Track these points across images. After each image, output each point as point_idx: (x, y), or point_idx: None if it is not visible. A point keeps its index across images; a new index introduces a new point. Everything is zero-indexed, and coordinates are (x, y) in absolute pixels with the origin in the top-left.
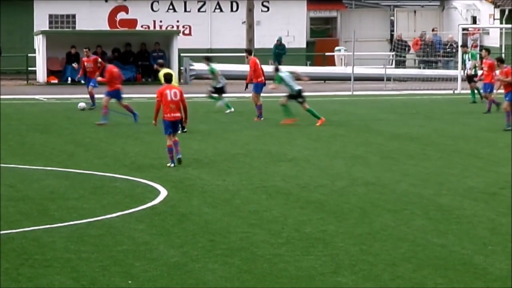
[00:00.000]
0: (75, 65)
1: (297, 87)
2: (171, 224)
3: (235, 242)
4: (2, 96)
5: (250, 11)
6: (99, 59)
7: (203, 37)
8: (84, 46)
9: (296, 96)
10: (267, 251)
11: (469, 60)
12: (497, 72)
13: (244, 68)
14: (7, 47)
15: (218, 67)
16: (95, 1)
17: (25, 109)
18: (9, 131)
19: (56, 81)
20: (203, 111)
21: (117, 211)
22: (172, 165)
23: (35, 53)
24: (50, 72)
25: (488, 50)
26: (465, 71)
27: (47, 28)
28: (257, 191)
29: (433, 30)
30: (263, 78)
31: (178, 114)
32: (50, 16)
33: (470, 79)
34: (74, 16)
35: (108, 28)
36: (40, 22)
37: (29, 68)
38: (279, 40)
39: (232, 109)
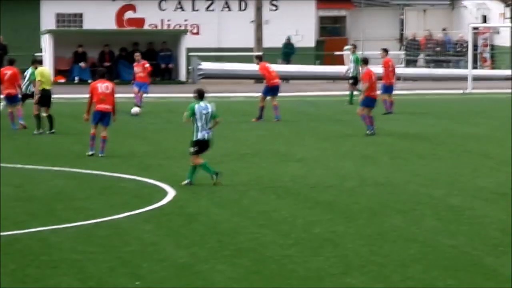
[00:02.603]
0: (82, 64)
1: None
2: (179, 224)
3: (244, 242)
4: None
5: (258, 10)
6: (147, 64)
7: (211, 36)
8: (91, 45)
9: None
10: (276, 252)
11: (351, 62)
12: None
13: (252, 67)
14: (13, 46)
15: (227, 66)
16: (102, 0)
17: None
18: (16, 131)
19: (63, 80)
20: None
21: (124, 212)
22: (91, 152)
23: (42, 52)
24: (57, 72)
25: (386, 50)
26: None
27: (54, 27)
28: (266, 191)
29: (443, 29)
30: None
31: (108, 106)
32: (57, 15)
33: (352, 80)
34: (81, 15)
35: (116, 27)
36: (47, 21)
37: None
38: (288, 39)
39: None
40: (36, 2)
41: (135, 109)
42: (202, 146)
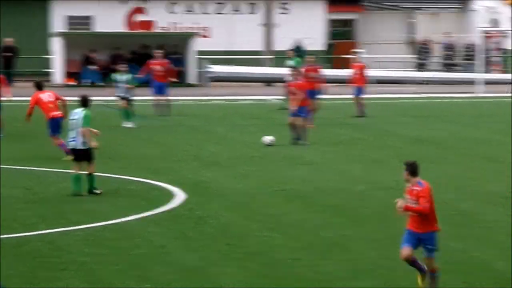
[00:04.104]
0: (92, 67)
1: None
2: (188, 227)
3: (253, 246)
4: (18, 98)
5: (268, 13)
6: (169, 65)
7: (222, 39)
8: (101, 48)
9: None
10: (285, 255)
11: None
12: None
13: (262, 70)
14: (24, 48)
15: (237, 69)
16: (112, 3)
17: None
18: (26, 133)
19: (73, 83)
20: (221, 114)
21: (133, 214)
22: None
23: (52, 55)
24: (68, 74)
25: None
26: None
27: (64, 30)
28: (275, 194)
29: (447, 34)
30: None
31: (59, 112)
32: (68, 17)
33: None
34: (91, 17)
35: (126, 30)
36: (58, 23)
37: (47, 70)
38: (298, 42)
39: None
40: (48, 5)
41: (269, 138)
42: (75, 154)
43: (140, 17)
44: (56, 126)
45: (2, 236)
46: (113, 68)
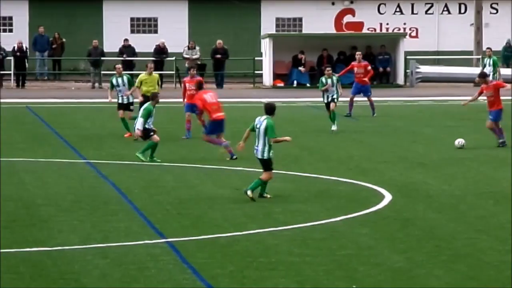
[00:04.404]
0: (301, 68)
1: None
2: (395, 229)
3: (460, 248)
4: (230, 100)
5: (478, 13)
6: (369, 67)
7: (430, 40)
8: (310, 49)
9: None
10: (493, 257)
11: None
12: None
13: (471, 71)
14: (234, 50)
15: (445, 69)
16: (321, 4)
17: (250, 113)
18: (235, 134)
19: (282, 84)
20: (428, 115)
21: (341, 215)
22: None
23: (261, 56)
24: (276, 76)
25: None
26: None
27: (273, 32)
28: (483, 196)
29: None
30: None
31: (221, 114)
32: (277, 19)
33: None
34: (300, 19)
35: (334, 31)
36: (267, 25)
37: (256, 72)
38: (508, 42)
39: None
40: (257, 7)
41: (460, 141)
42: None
43: (348, 19)
44: (218, 127)
45: (212, 236)
46: (321, 69)
